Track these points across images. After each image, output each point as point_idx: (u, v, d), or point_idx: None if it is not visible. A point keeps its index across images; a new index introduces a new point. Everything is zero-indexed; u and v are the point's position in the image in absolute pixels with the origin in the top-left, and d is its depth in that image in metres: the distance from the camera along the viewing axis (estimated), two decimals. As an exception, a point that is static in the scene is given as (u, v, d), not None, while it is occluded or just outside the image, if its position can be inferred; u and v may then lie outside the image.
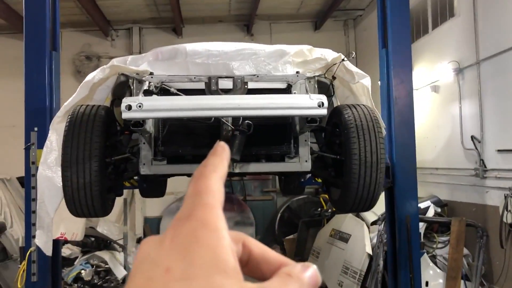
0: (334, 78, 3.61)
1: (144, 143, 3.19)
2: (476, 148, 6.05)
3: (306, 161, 3.32)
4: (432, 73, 7.23)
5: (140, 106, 2.66)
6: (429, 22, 7.42)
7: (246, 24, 10.58)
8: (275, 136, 3.32)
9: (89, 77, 3.48)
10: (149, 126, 3.14)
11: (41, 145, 4.75)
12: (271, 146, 3.31)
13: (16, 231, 7.13)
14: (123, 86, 3.53)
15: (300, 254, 9.04)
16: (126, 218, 8.73)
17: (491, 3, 5.88)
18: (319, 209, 9.08)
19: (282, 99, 2.85)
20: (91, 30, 10.04)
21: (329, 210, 8.76)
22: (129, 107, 2.67)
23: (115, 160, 3.31)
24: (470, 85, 6.26)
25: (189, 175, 3.79)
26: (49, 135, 3.61)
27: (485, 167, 5.92)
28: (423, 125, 7.37)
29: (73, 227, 6.75)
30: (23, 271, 4.69)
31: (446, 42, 6.91)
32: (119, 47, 10.18)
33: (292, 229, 9.55)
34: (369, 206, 3.38)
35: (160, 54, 3.54)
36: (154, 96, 3.00)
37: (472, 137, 6.11)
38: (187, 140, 3.27)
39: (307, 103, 2.79)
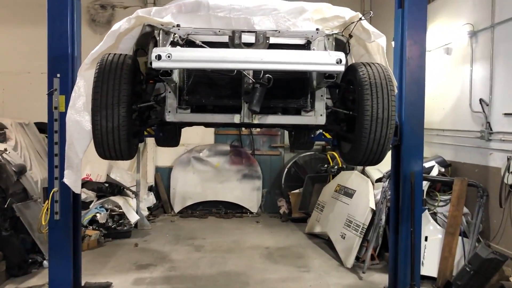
0: (350, 36, 3.74)
1: (170, 92, 3.38)
2: (483, 111, 6.18)
3: (321, 115, 3.51)
4: (446, 35, 7.25)
5: (169, 56, 2.84)
6: (446, -17, 7.37)
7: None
8: (293, 91, 3.50)
9: (115, 26, 3.63)
10: (175, 76, 3.32)
11: (63, 91, 4.93)
12: (288, 100, 3.50)
13: (36, 173, 7.42)
14: (148, 37, 3.68)
15: (304, 208, 9.38)
16: (139, 166, 9.07)
17: (510, -34, 5.84)
18: (326, 165, 9.31)
19: (302, 55, 3.01)
20: (106, -21, 10.00)
21: (335, 167, 9.00)
22: (159, 57, 2.84)
23: (140, 107, 3.51)
24: (483, 48, 6.32)
25: (209, 124, 4.00)
26: (77, 81, 3.80)
27: (491, 129, 6.07)
28: (433, 86, 7.46)
29: (97, 169, 7.06)
30: (47, 209, 4.97)
31: (462, 4, 6.90)
32: (134, -3, 10.15)
33: (298, 184, 9.85)
34: (378, 160, 3.60)
35: (184, 7, 3.66)
36: (182, 48, 3.17)
37: (481, 100, 6.23)
38: (210, 91, 3.45)
39: (326, 60, 2.96)
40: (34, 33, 8.11)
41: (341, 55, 2.97)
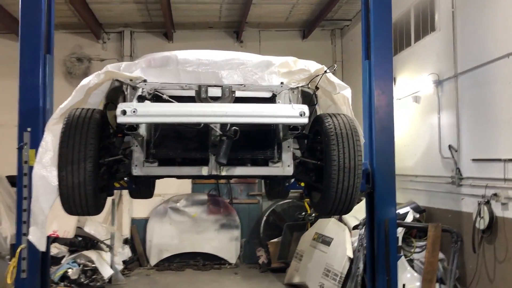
0: (317, 88, 3.84)
1: (136, 145, 3.38)
2: (453, 156, 6.32)
3: (288, 166, 3.54)
4: (414, 84, 7.50)
5: (134, 112, 2.86)
6: (411, 35, 7.70)
7: (236, 31, 10.77)
8: (260, 142, 3.54)
9: (84, 81, 3.66)
10: (142, 130, 3.33)
11: (33, 145, 4.86)
12: (255, 151, 3.53)
13: (5, 229, 7.21)
14: (117, 91, 3.71)
15: (284, 257, 9.23)
16: (114, 218, 8.90)
17: (469, 19, 6.16)
18: (303, 213, 9.27)
19: (266, 108, 3.08)
20: (83, 33, 10.14)
21: (313, 214, 8.97)
22: (124, 112, 2.86)
23: (108, 161, 3.49)
24: (449, 96, 6.54)
25: (178, 176, 3.98)
26: (44, 136, 3.77)
27: (461, 175, 6.18)
28: (404, 133, 7.63)
29: (65, 225, 6.88)
30: (13, 267, 4.77)
31: (427, 55, 7.19)
32: (110, 50, 10.31)
33: (277, 233, 9.74)
34: (347, 209, 3.60)
35: (153, 61, 3.73)
36: (148, 102, 3.21)
37: (450, 146, 6.38)
38: (177, 144, 3.47)
39: (289, 112, 3.02)
40: (7, 85, 8.09)
41: (304, 107, 3.04)
